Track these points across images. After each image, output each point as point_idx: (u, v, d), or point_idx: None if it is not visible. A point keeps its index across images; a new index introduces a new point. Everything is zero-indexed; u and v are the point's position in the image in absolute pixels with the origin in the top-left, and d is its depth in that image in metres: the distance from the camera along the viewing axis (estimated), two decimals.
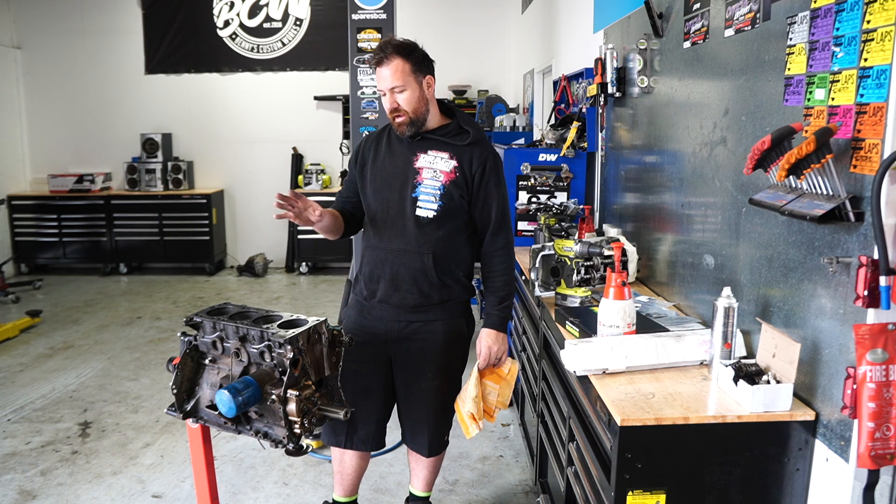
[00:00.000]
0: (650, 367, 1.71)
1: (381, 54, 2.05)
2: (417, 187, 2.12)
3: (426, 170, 2.13)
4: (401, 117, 2.09)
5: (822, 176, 1.35)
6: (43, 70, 7.28)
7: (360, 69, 4.41)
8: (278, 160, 7.32)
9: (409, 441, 2.33)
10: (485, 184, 2.15)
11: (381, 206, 2.18)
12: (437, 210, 2.11)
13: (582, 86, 3.66)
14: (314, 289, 6.53)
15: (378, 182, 2.19)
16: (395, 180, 2.16)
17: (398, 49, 2.05)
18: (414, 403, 2.25)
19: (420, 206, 2.12)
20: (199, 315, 1.78)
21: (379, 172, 2.20)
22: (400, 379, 2.24)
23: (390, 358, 2.23)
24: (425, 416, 2.25)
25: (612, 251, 2.34)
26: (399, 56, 2.04)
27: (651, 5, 2.39)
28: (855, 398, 1.27)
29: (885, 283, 1.21)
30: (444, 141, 2.15)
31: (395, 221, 2.15)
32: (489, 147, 2.20)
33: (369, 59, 2.14)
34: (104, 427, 3.46)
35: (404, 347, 2.20)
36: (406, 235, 2.14)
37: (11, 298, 5.82)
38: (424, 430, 2.26)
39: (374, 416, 2.26)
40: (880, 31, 1.24)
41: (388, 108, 2.09)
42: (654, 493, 1.47)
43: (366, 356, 2.18)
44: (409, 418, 2.29)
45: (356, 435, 2.25)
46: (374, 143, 2.25)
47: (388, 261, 2.16)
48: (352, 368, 2.11)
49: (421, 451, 2.30)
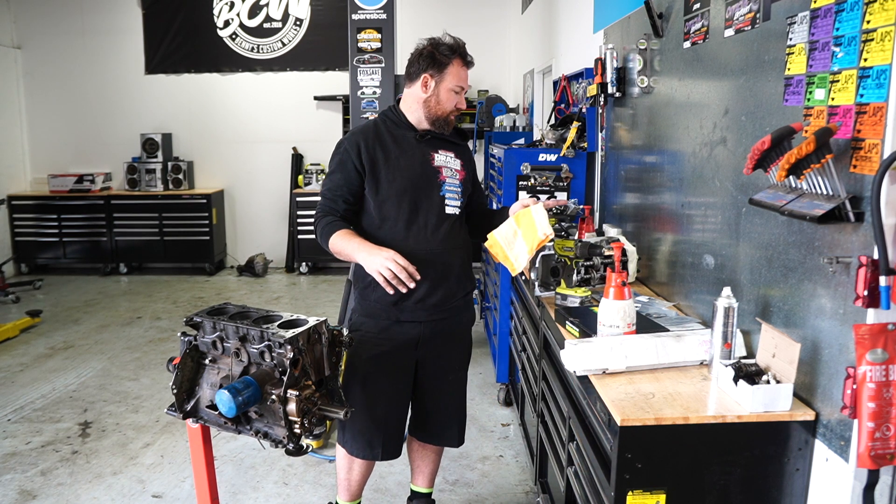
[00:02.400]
0: (650, 367, 1.71)
1: (471, 58, 2.19)
2: (443, 185, 2.18)
3: (445, 168, 2.21)
4: (454, 116, 2.23)
5: (822, 176, 1.35)
6: (43, 70, 7.28)
7: (360, 69, 4.41)
8: (278, 160, 7.32)
9: (436, 438, 2.37)
10: (475, 174, 2.35)
11: (409, 206, 2.12)
12: (460, 207, 2.22)
13: (582, 86, 3.66)
14: (314, 289, 6.53)
15: (400, 182, 2.12)
16: (421, 180, 2.15)
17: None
18: (444, 397, 2.32)
19: (448, 204, 2.18)
20: (199, 315, 1.78)
21: (399, 172, 2.12)
22: (428, 377, 2.27)
23: (416, 360, 2.25)
24: (455, 407, 2.34)
25: (612, 251, 2.34)
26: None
27: (651, 5, 2.39)
28: (855, 398, 1.27)
29: (885, 283, 1.21)
30: (449, 141, 2.25)
31: (426, 221, 2.14)
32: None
33: (454, 50, 2.15)
34: (104, 427, 3.46)
35: (436, 343, 2.23)
36: (439, 235, 2.16)
37: (11, 298, 5.82)
38: (455, 421, 2.35)
39: (403, 425, 2.30)
40: (880, 31, 1.24)
41: (457, 107, 2.19)
42: (654, 493, 1.47)
43: (395, 366, 2.19)
44: (437, 413, 2.33)
45: (391, 445, 2.26)
46: (375, 141, 2.15)
47: (429, 262, 2.10)
48: (382, 379, 2.16)
49: (452, 443, 2.37)
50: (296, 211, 6.94)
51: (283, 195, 7.32)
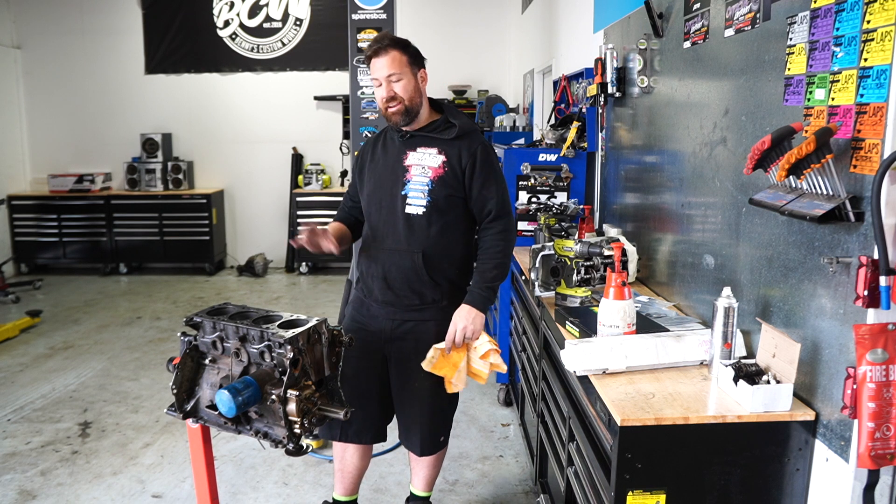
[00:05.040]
0: (650, 367, 1.71)
1: (378, 45, 2.10)
2: (406, 184, 2.14)
3: (415, 166, 2.14)
4: (396, 106, 2.09)
5: (822, 176, 1.35)
6: (43, 70, 7.27)
7: (360, 69, 4.41)
8: (278, 160, 7.32)
9: (403, 440, 2.34)
10: (478, 174, 2.13)
11: (375, 205, 2.22)
12: (425, 206, 2.12)
13: (582, 86, 3.66)
14: (314, 289, 6.53)
15: (372, 183, 2.24)
16: (387, 179, 2.19)
17: (395, 41, 2.12)
18: (407, 403, 2.26)
19: (409, 203, 2.13)
20: (199, 315, 1.78)
21: (373, 173, 2.25)
22: (394, 378, 2.26)
23: (385, 355, 2.25)
24: (418, 415, 2.25)
25: (612, 251, 2.34)
26: (396, 48, 2.10)
27: (651, 5, 2.39)
28: (855, 398, 1.27)
29: (885, 283, 1.21)
30: (432, 136, 2.16)
31: (387, 220, 2.18)
32: (478, 138, 2.19)
33: (365, 52, 2.16)
34: (104, 427, 3.46)
35: (398, 346, 2.21)
36: (397, 234, 2.15)
37: (11, 298, 5.82)
38: (417, 430, 2.27)
39: (367, 410, 2.26)
40: (880, 31, 1.24)
41: (384, 97, 2.10)
42: (654, 493, 1.47)
43: (362, 352, 2.18)
44: (403, 417, 2.30)
45: (351, 429, 2.26)
46: (371, 145, 2.32)
47: (381, 259, 2.19)
48: (347, 363, 2.12)
49: (414, 449, 2.31)
50: (296, 211, 6.93)
51: (283, 195, 7.32)
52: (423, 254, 2.13)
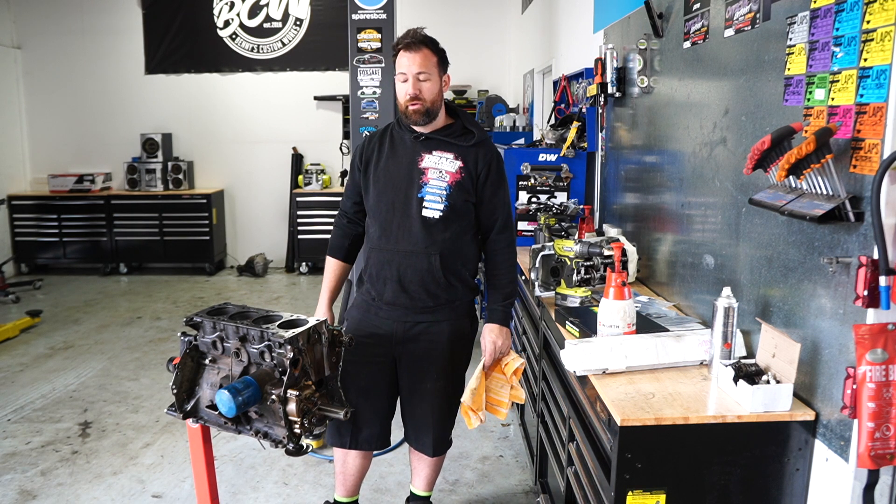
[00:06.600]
0: (650, 367, 1.71)
1: (412, 40, 2.07)
2: (423, 188, 2.11)
3: (432, 170, 2.12)
4: (417, 105, 2.07)
5: (822, 176, 1.35)
6: (43, 70, 7.27)
7: (360, 69, 4.41)
8: (278, 160, 7.32)
9: (413, 441, 2.33)
10: (490, 184, 2.16)
11: (387, 207, 2.16)
12: (443, 210, 2.11)
13: (582, 86, 3.66)
14: (314, 289, 6.53)
15: (382, 183, 2.17)
16: (401, 181, 2.15)
17: (428, 40, 2.10)
18: (419, 404, 2.25)
19: (426, 207, 2.11)
20: (199, 315, 1.78)
21: (383, 174, 2.18)
22: (404, 379, 2.24)
23: (395, 358, 2.23)
24: (430, 416, 2.25)
25: (612, 251, 2.34)
26: (428, 46, 2.09)
27: (651, 5, 2.39)
28: (855, 398, 1.27)
29: (885, 283, 1.21)
30: (449, 141, 2.15)
31: (401, 222, 2.14)
32: (493, 147, 2.21)
33: (396, 42, 2.11)
34: (104, 427, 3.46)
35: (410, 348, 2.20)
36: (412, 236, 2.13)
37: (11, 298, 5.82)
38: (429, 431, 2.26)
39: (378, 417, 2.26)
40: (880, 32, 1.24)
41: (409, 93, 2.06)
42: (653, 493, 1.47)
43: (370, 356, 2.18)
44: (413, 418, 2.28)
45: (360, 435, 2.25)
46: (376, 144, 2.23)
47: (395, 262, 2.15)
48: (356, 368, 2.12)
49: (426, 451, 2.30)
50: (296, 211, 6.94)
51: (283, 195, 7.32)
52: (439, 256, 2.13)
